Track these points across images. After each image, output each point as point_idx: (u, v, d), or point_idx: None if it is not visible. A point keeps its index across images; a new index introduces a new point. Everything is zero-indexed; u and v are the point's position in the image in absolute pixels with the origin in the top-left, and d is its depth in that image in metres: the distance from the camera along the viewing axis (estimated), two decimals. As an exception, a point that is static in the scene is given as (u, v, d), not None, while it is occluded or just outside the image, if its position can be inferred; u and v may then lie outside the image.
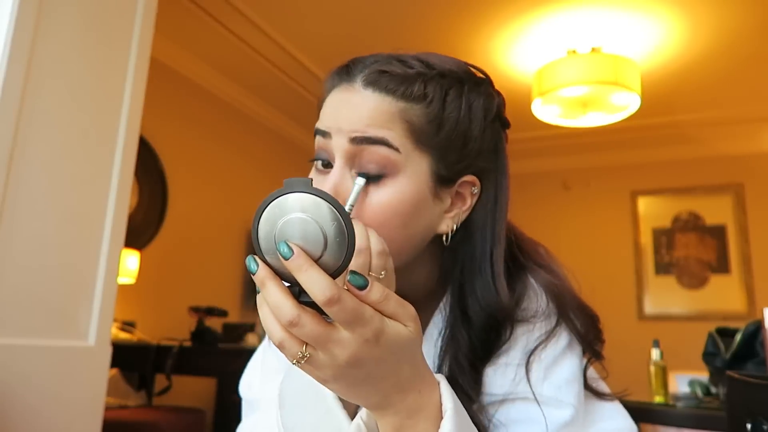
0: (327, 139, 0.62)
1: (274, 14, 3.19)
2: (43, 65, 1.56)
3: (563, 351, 0.65)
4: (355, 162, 0.61)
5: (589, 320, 0.68)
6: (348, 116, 0.61)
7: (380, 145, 0.59)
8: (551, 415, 0.61)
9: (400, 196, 0.60)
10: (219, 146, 3.93)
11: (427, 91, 0.62)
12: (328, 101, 0.65)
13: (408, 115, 0.61)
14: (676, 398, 1.75)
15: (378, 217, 0.59)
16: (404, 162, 0.60)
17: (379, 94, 0.61)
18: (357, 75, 0.63)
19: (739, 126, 4.44)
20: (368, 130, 0.60)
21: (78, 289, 1.65)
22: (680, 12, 3.05)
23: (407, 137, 0.61)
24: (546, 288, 0.68)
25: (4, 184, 1.46)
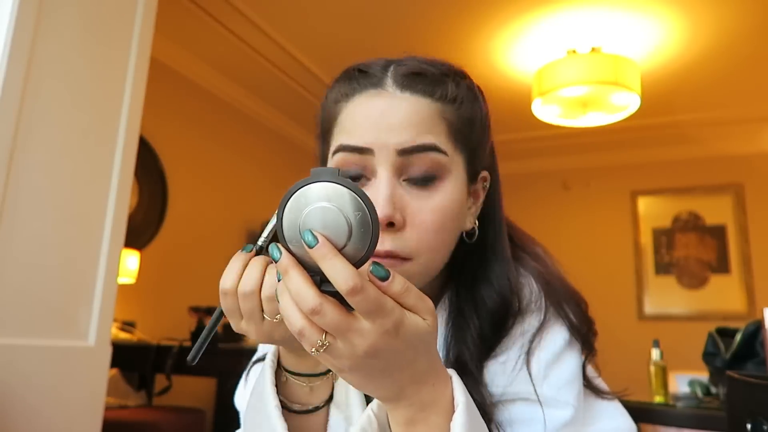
0: (366, 156, 0.59)
1: (274, 14, 3.19)
2: (43, 65, 1.56)
3: (563, 349, 0.64)
4: (402, 171, 0.59)
5: (578, 308, 0.68)
6: (391, 125, 0.59)
7: (430, 151, 0.59)
8: (551, 415, 0.61)
9: (451, 197, 0.60)
10: (219, 146, 3.93)
11: (457, 91, 0.62)
12: (353, 110, 0.61)
13: (446, 115, 0.61)
14: (676, 398, 1.75)
15: (439, 221, 0.59)
16: (450, 164, 0.60)
17: (418, 96, 0.60)
18: (385, 78, 0.61)
19: (739, 126, 4.44)
20: (417, 139, 0.58)
21: (78, 289, 1.65)
22: (680, 12, 3.05)
23: (449, 138, 0.61)
24: (536, 277, 0.68)
25: (4, 184, 1.46)
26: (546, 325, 0.64)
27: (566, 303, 0.67)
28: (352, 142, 0.60)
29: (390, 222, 0.57)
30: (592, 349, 0.67)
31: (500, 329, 0.64)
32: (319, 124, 0.68)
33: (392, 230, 0.58)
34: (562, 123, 3.58)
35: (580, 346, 0.66)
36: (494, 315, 0.64)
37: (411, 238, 0.58)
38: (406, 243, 0.58)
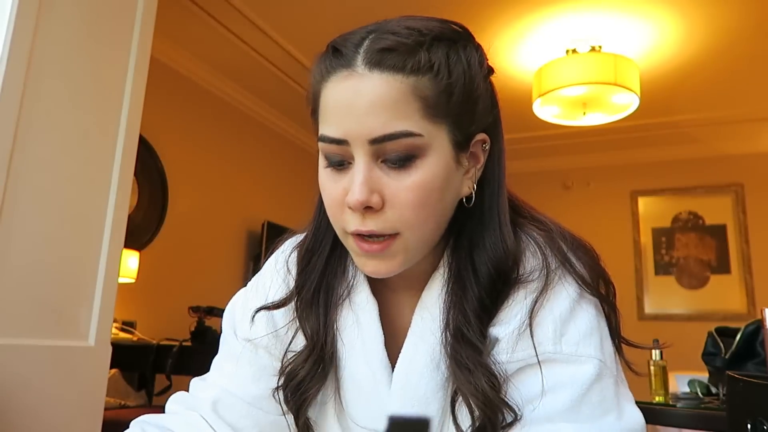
0: (343, 146, 0.60)
1: (274, 14, 3.19)
2: (43, 65, 1.56)
3: (575, 302, 0.62)
4: (379, 154, 0.60)
5: (589, 259, 0.66)
6: (360, 112, 0.58)
7: (402, 137, 0.58)
8: (575, 373, 0.58)
9: (432, 173, 0.60)
10: (219, 146, 3.93)
11: (431, 59, 0.59)
12: (332, 97, 0.61)
13: (420, 90, 0.59)
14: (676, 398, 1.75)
15: (417, 198, 0.59)
16: (428, 141, 0.60)
17: (388, 74, 0.58)
18: (354, 57, 0.59)
19: (739, 126, 4.44)
20: (387, 127, 0.58)
21: (78, 289, 1.65)
22: (680, 12, 3.04)
23: (424, 116, 0.59)
24: (538, 239, 0.66)
25: (4, 184, 1.46)
26: (551, 284, 0.62)
27: (574, 256, 0.65)
28: (329, 133, 0.61)
29: (368, 206, 0.59)
30: (608, 302, 0.64)
31: (498, 296, 0.63)
32: (310, 100, 0.67)
33: (372, 212, 0.59)
34: (562, 123, 3.58)
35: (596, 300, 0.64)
36: (491, 281, 0.63)
37: (392, 217, 0.59)
38: (387, 221, 0.59)
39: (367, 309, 0.69)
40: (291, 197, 4.26)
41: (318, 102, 0.64)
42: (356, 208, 0.59)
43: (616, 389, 0.60)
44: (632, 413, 0.60)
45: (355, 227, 0.60)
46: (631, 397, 0.62)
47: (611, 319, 0.64)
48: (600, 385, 0.58)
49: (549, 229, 0.68)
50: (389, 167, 0.60)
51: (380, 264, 0.62)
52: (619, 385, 0.61)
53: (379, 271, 0.62)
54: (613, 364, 0.61)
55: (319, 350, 0.69)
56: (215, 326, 3.07)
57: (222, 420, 0.70)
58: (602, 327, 0.62)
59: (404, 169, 0.59)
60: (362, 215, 0.60)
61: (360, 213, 0.60)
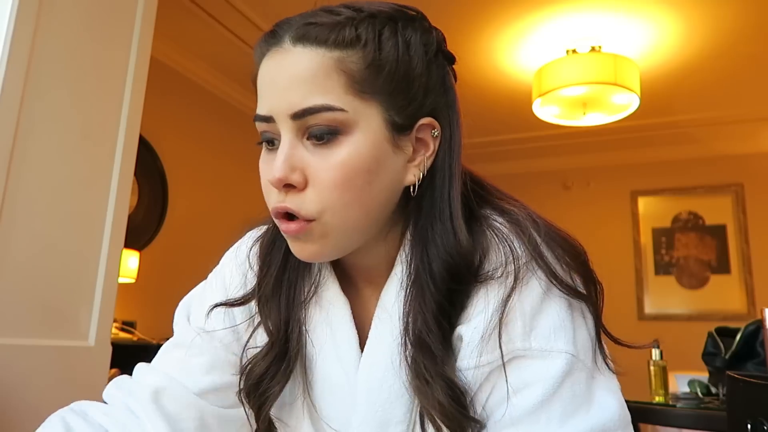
0: (271, 123, 0.60)
1: (274, 14, 3.17)
2: (43, 65, 1.56)
3: (544, 295, 0.58)
4: (303, 131, 0.58)
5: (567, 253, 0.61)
6: (282, 87, 0.58)
7: (322, 111, 0.56)
8: (545, 369, 0.55)
9: (357, 152, 0.57)
10: (219, 146, 3.93)
11: (359, 33, 0.58)
12: (261, 75, 0.62)
13: (344, 64, 0.57)
14: (676, 398, 1.75)
15: (340, 178, 0.57)
16: (353, 117, 0.57)
17: (311, 47, 0.57)
18: (284, 35, 0.60)
19: (739, 126, 4.44)
20: (306, 101, 0.56)
21: (78, 289, 1.65)
22: (680, 12, 3.05)
23: (348, 91, 0.57)
24: (505, 234, 0.61)
25: (4, 184, 1.46)
26: (519, 280, 0.58)
27: (548, 249, 0.60)
28: (259, 111, 0.61)
29: (288, 184, 0.57)
30: (581, 296, 0.59)
31: (456, 296, 0.59)
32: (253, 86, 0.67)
33: (293, 191, 0.58)
34: (562, 123, 3.58)
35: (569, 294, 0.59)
36: (443, 281, 0.59)
37: (311, 198, 0.57)
38: (306, 202, 0.57)
39: (337, 307, 0.67)
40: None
41: (256, 85, 0.64)
42: (276, 185, 0.58)
43: (589, 383, 0.56)
44: (604, 405, 0.56)
45: (275, 203, 0.59)
46: (610, 387, 0.58)
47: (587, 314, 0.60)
48: (571, 380, 0.55)
49: (518, 221, 0.63)
50: (313, 145, 0.58)
51: (304, 246, 0.60)
52: (595, 377, 0.57)
53: (304, 253, 0.60)
54: (588, 357, 0.57)
55: (280, 347, 0.66)
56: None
57: (160, 411, 0.64)
58: (575, 318, 0.58)
59: (327, 146, 0.57)
60: (284, 194, 0.58)
61: (282, 191, 0.58)
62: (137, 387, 0.67)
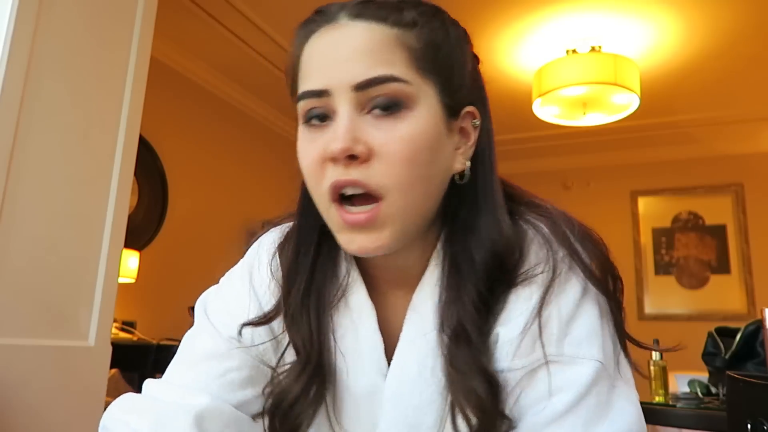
0: (325, 98, 0.56)
1: (274, 14, 3.19)
2: (43, 65, 1.56)
3: (579, 301, 0.58)
4: (364, 104, 0.56)
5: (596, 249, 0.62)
6: (343, 58, 0.56)
7: (388, 82, 0.55)
8: (575, 375, 0.55)
9: (421, 127, 0.56)
10: (219, 146, 3.93)
11: (415, 17, 0.58)
12: (311, 51, 0.59)
13: (405, 40, 0.57)
14: (676, 398, 1.75)
15: (407, 152, 0.55)
16: (416, 93, 0.56)
17: (371, 23, 0.56)
18: (337, 13, 0.58)
19: (739, 126, 4.44)
20: (371, 71, 0.55)
21: (78, 289, 1.65)
22: (680, 12, 3.05)
23: (411, 65, 0.56)
24: (542, 230, 0.62)
25: (4, 183, 1.46)
26: (557, 279, 0.58)
27: (581, 246, 0.61)
28: (310, 86, 0.57)
29: (352, 155, 0.54)
30: (614, 299, 0.60)
31: (497, 287, 0.59)
32: (288, 78, 0.64)
33: (357, 163, 0.55)
34: (562, 123, 3.57)
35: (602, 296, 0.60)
36: (487, 270, 0.58)
37: (379, 170, 0.54)
38: (374, 175, 0.54)
39: (364, 313, 0.64)
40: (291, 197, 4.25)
41: (297, 68, 0.61)
42: (339, 155, 0.54)
43: (610, 391, 0.57)
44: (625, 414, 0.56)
45: (334, 178, 0.55)
46: (629, 397, 0.58)
47: (616, 316, 0.60)
48: (597, 388, 0.56)
49: (552, 217, 0.63)
50: (375, 117, 0.56)
51: (368, 238, 0.56)
52: (616, 386, 0.57)
53: (367, 247, 0.56)
54: (612, 365, 0.58)
55: (314, 364, 0.62)
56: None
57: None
58: (604, 326, 0.59)
59: (392, 117, 0.55)
60: (345, 167, 0.55)
61: (342, 165, 0.55)
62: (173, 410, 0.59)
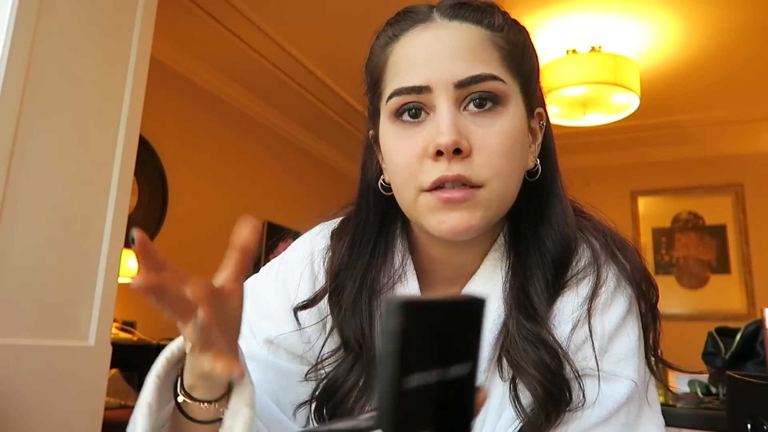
0: (425, 94, 0.58)
1: (274, 15, 3.19)
2: (43, 65, 1.56)
3: (623, 318, 0.60)
4: (462, 101, 0.58)
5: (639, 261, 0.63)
6: (444, 56, 0.58)
7: (488, 80, 0.57)
8: (610, 392, 0.57)
9: (514, 123, 0.59)
10: (219, 146, 3.93)
11: (503, 21, 0.62)
12: (404, 49, 0.60)
13: (497, 41, 0.60)
14: (676, 398, 1.75)
15: (507, 144, 0.57)
16: (509, 91, 0.59)
17: (468, 24, 0.59)
18: (430, 13, 0.60)
19: (739, 126, 4.44)
20: (472, 69, 0.57)
21: (78, 289, 1.65)
22: (680, 12, 3.05)
23: (503, 65, 0.59)
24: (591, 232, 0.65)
25: (4, 183, 1.46)
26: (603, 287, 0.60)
27: (624, 257, 0.63)
28: (408, 83, 0.58)
29: (457, 149, 0.55)
30: (654, 309, 0.63)
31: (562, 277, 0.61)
32: (368, 76, 0.65)
33: (460, 157, 0.56)
34: (562, 123, 3.58)
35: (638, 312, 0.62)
36: (555, 259, 0.61)
37: (480, 163, 0.56)
38: (476, 168, 0.56)
39: None
40: (291, 197, 4.26)
41: (385, 65, 0.62)
42: (448, 148, 0.55)
43: (639, 413, 0.58)
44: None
45: (440, 173, 0.56)
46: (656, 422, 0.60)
47: (650, 331, 0.62)
48: (628, 407, 0.57)
49: (597, 224, 0.67)
50: (473, 113, 0.58)
51: (462, 217, 0.56)
52: (644, 407, 0.59)
53: (460, 226, 0.57)
54: (643, 386, 0.59)
55: (366, 356, 0.62)
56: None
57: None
58: (641, 346, 0.61)
59: (489, 113, 0.58)
60: (448, 162, 0.56)
61: (446, 160, 0.56)
62: None
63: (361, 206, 0.68)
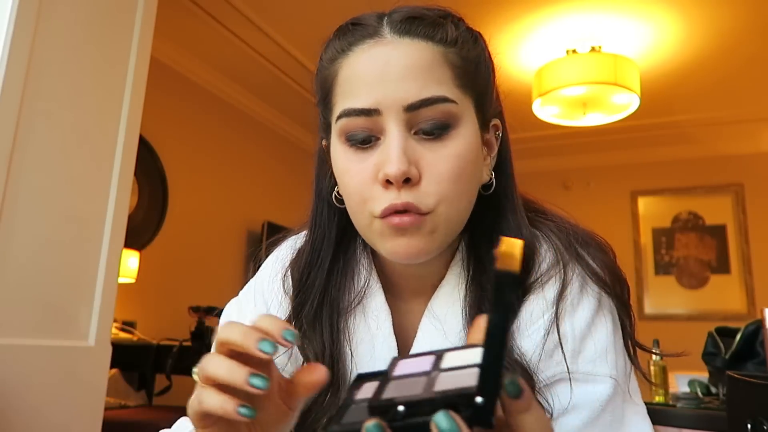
0: (374, 117, 0.56)
1: (274, 14, 3.19)
2: (43, 65, 1.56)
3: (593, 316, 0.59)
4: (412, 124, 0.56)
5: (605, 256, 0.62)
6: (394, 77, 0.55)
7: (439, 103, 0.56)
8: (590, 394, 0.56)
9: (465, 145, 0.57)
10: (219, 146, 3.93)
11: (456, 34, 0.59)
12: (353, 67, 0.58)
13: (450, 59, 0.58)
14: (676, 398, 1.75)
15: (456, 169, 0.56)
16: (461, 111, 0.57)
17: (419, 41, 0.57)
18: (381, 27, 0.58)
19: (739, 126, 4.44)
20: (423, 91, 0.55)
21: (78, 289, 1.65)
22: (680, 12, 3.05)
23: (456, 84, 0.57)
24: (551, 234, 0.63)
25: (4, 183, 1.46)
26: (569, 287, 0.59)
27: (590, 254, 0.62)
28: (357, 104, 0.56)
29: (406, 178, 0.54)
30: (625, 305, 0.62)
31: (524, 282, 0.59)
32: (318, 88, 0.64)
33: (409, 186, 0.55)
34: (562, 123, 3.58)
35: (612, 305, 0.61)
36: None
37: (428, 190, 0.55)
38: (423, 196, 0.55)
39: (381, 317, 0.64)
40: (291, 197, 4.25)
41: (333, 81, 0.60)
42: (397, 178, 0.54)
43: (623, 407, 0.57)
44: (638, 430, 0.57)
45: (389, 202, 0.55)
46: (639, 410, 0.59)
47: (626, 324, 0.61)
48: (612, 405, 0.56)
49: (558, 223, 0.65)
50: (423, 138, 0.56)
51: (411, 242, 0.56)
52: (627, 401, 0.58)
53: (411, 251, 0.56)
54: (624, 378, 0.59)
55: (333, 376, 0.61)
56: (215, 326, 3.07)
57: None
58: (617, 340, 0.60)
59: (439, 139, 0.56)
60: (398, 190, 0.55)
61: (396, 188, 0.55)
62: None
63: (316, 221, 0.66)
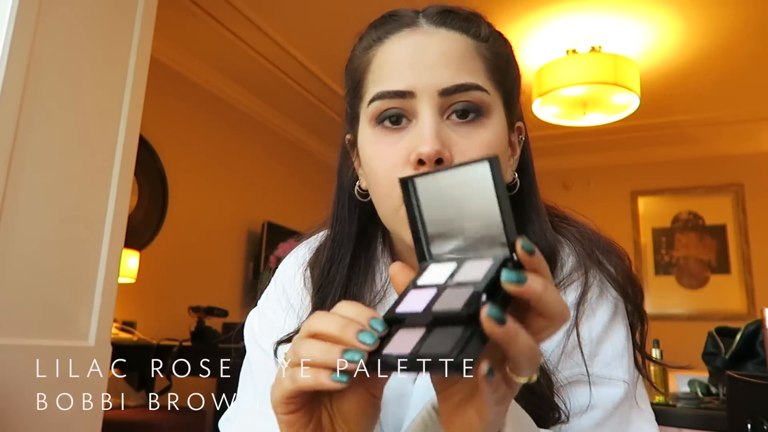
0: (408, 100, 0.57)
1: (274, 14, 3.19)
2: (43, 65, 1.56)
3: (610, 321, 0.60)
4: (445, 109, 0.57)
5: (622, 263, 0.63)
6: (429, 63, 0.57)
7: (472, 90, 0.56)
8: (602, 396, 0.57)
9: (497, 135, 0.57)
10: (219, 146, 3.93)
11: (489, 31, 0.61)
12: (389, 53, 0.59)
13: (482, 52, 0.59)
14: (676, 398, 1.75)
15: None
16: (492, 102, 0.58)
17: (454, 32, 0.59)
18: (416, 18, 0.59)
19: (739, 126, 4.44)
20: (458, 77, 0.56)
21: (78, 289, 1.65)
22: (680, 12, 3.05)
23: (488, 76, 0.59)
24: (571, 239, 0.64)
25: (4, 183, 1.46)
26: (589, 292, 0.60)
27: (608, 260, 0.62)
28: (391, 87, 0.57)
29: (439, 158, 0.54)
30: (640, 310, 0.62)
31: None
32: (348, 79, 0.64)
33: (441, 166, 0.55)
34: (562, 123, 3.58)
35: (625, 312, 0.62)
36: None
37: None
38: None
39: None
40: (291, 197, 4.26)
41: (367, 68, 0.61)
42: (431, 157, 0.53)
43: (630, 411, 0.58)
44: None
45: None
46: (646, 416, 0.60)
47: (640, 330, 0.62)
48: (622, 408, 0.57)
49: (579, 228, 0.65)
50: (456, 123, 0.57)
51: None
52: (633, 406, 0.59)
53: None
54: (634, 386, 0.59)
55: None
56: (215, 326, 3.08)
57: None
58: (629, 345, 0.61)
59: (472, 124, 0.57)
60: None
61: (428, 168, 0.54)
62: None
63: (337, 215, 0.66)
